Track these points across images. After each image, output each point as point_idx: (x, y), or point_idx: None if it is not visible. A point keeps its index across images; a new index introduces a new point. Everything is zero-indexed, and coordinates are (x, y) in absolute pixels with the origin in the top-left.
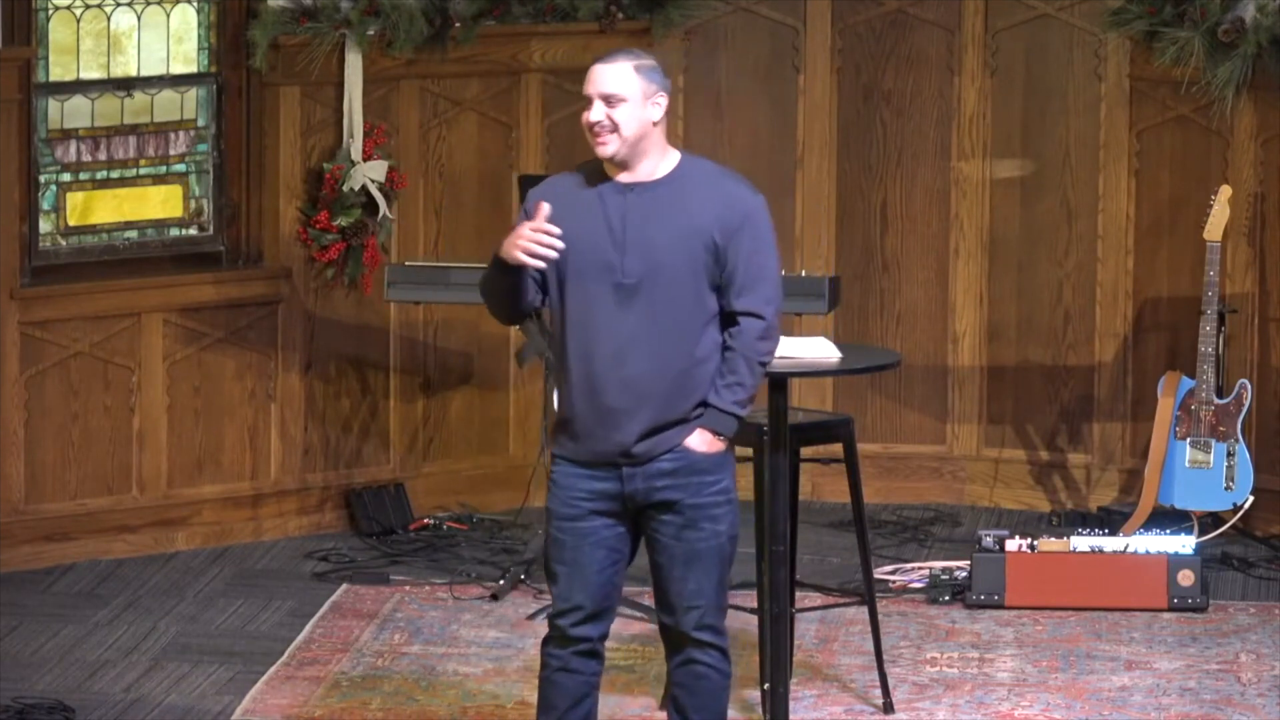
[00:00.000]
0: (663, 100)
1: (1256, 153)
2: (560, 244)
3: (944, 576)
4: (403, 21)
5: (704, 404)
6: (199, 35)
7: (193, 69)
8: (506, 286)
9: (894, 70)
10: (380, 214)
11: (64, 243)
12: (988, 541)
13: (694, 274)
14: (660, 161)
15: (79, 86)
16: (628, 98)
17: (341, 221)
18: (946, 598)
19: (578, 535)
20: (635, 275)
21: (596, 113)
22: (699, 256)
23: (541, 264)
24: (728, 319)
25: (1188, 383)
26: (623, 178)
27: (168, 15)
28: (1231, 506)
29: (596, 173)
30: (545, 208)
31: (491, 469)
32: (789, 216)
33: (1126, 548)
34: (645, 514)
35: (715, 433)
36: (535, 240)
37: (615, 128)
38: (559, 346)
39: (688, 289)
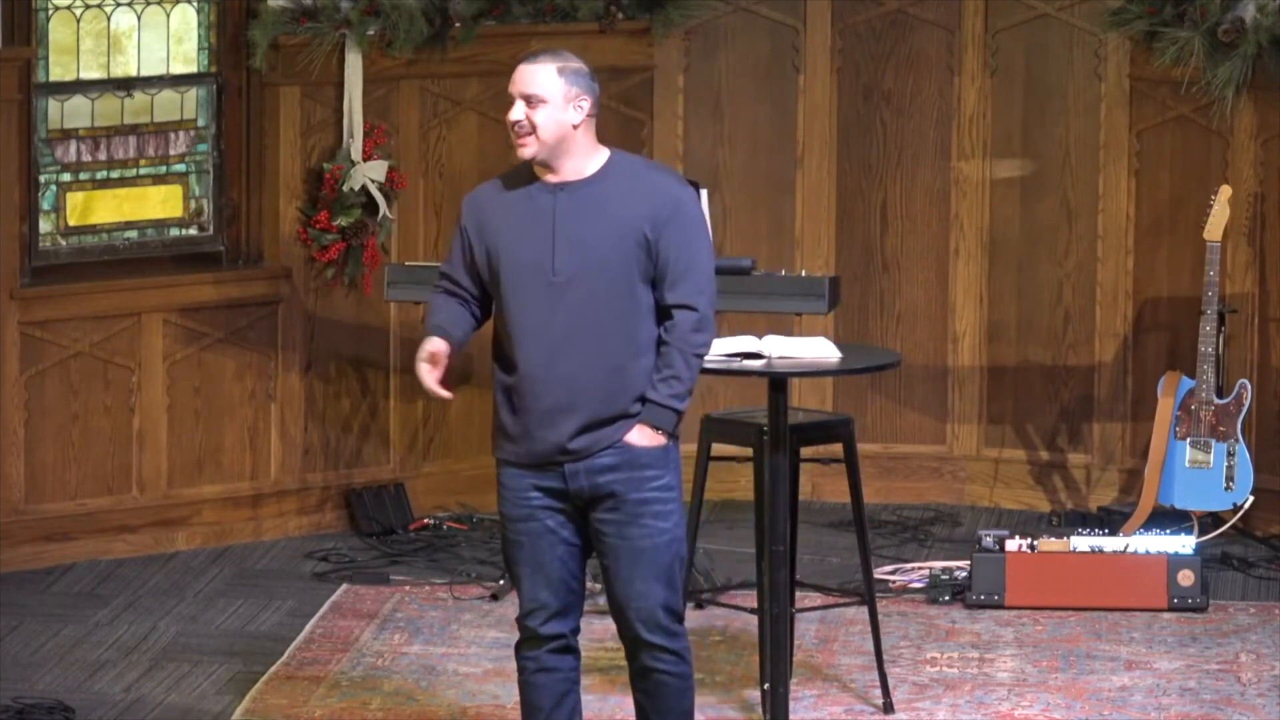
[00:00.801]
0: (586, 103)
1: (1256, 153)
2: (448, 395)
3: (944, 576)
4: (403, 21)
5: (643, 399)
6: (199, 35)
7: (193, 69)
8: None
9: (894, 70)
10: (380, 214)
11: (64, 243)
12: (988, 541)
13: (625, 269)
14: (587, 161)
15: (79, 86)
16: (548, 99)
17: (341, 221)
18: (946, 598)
19: (532, 535)
20: (566, 274)
21: (516, 113)
22: (630, 251)
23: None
24: (662, 313)
25: (1188, 383)
26: (550, 178)
27: (168, 15)
28: (1231, 506)
29: (526, 175)
30: (440, 346)
31: (491, 469)
32: (789, 216)
33: (1126, 548)
34: (590, 513)
35: (655, 427)
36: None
37: (533, 129)
38: (496, 348)
39: (620, 285)
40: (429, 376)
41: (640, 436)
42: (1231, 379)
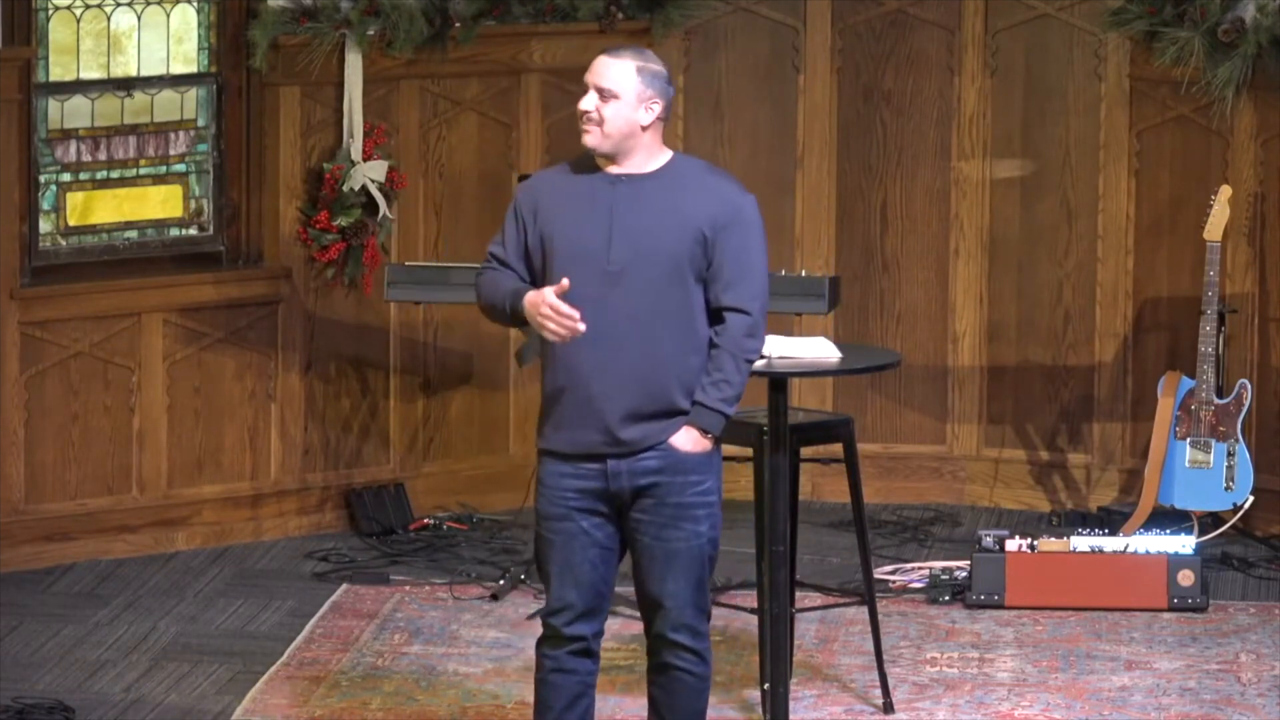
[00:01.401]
0: (658, 107)
1: (1256, 153)
2: (583, 327)
3: (944, 576)
4: (403, 21)
5: (691, 400)
6: (199, 35)
7: (193, 69)
8: (513, 322)
9: (894, 70)
10: (380, 214)
11: (64, 243)
12: (988, 541)
13: (680, 263)
14: (651, 158)
15: (79, 86)
16: (621, 95)
17: (341, 221)
18: (946, 598)
19: (566, 535)
20: (621, 262)
21: (587, 102)
22: (686, 247)
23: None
24: (714, 316)
25: (1188, 383)
26: (611, 169)
27: (168, 15)
28: (1231, 506)
29: (588, 164)
30: (565, 284)
31: (491, 469)
32: (789, 216)
33: (1126, 548)
34: (629, 512)
35: (703, 430)
36: (561, 325)
37: (601, 121)
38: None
39: (673, 278)
40: (562, 305)
41: (687, 440)
42: (1231, 379)
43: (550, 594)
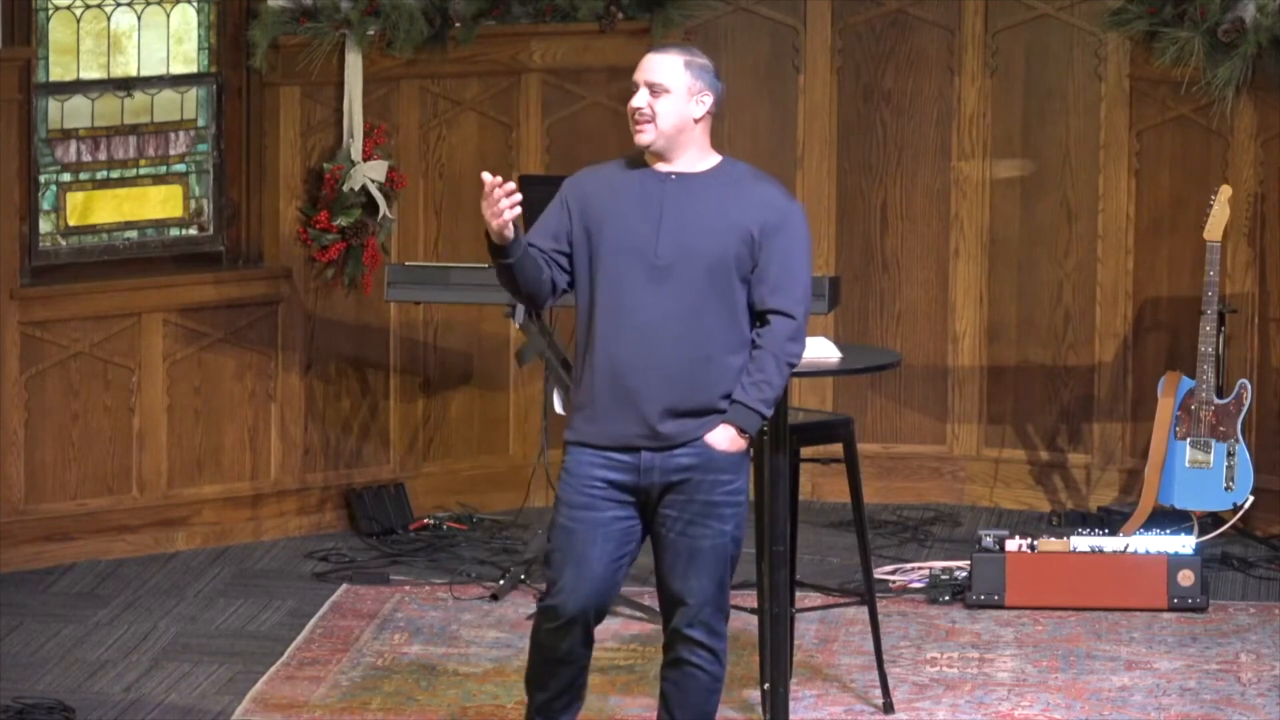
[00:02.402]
0: (708, 100)
1: (1256, 153)
2: (518, 196)
3: (944, 576)
4: (403, 21)
5: (729, 399)
6: (199, 35)
7: (193, 69)
8: (505, 272)
9: (894, 70)
10: (380, 214)
11: (64, 243)
12: (988, 541)
13: (727, 263)
14: (701, 158)
15: (79, 86)
16: (671, 90)
17: (341, 221)
18: (946, 598)
19: (588, 525)
20: (668, 258)
21: (639, 99)
22: (733, 248)
23: (508, 223)
24: (758, 319)
25: (1188, 383)
26: (661, 167)
27: (168, 15)
28: (1231, 506)
29: (638, 161)
30: (496, 180)
31: (491, 469)
32: None
33: (1126, 548)
34: (656, 508)
35: (740, 429)
36: (495, 204)
37: (653, 117)
38: (583, 328)
39: (719, 277)
40: (506, 195)
41: (723, 438)
42: (1231, 379)
43: (558, 578)
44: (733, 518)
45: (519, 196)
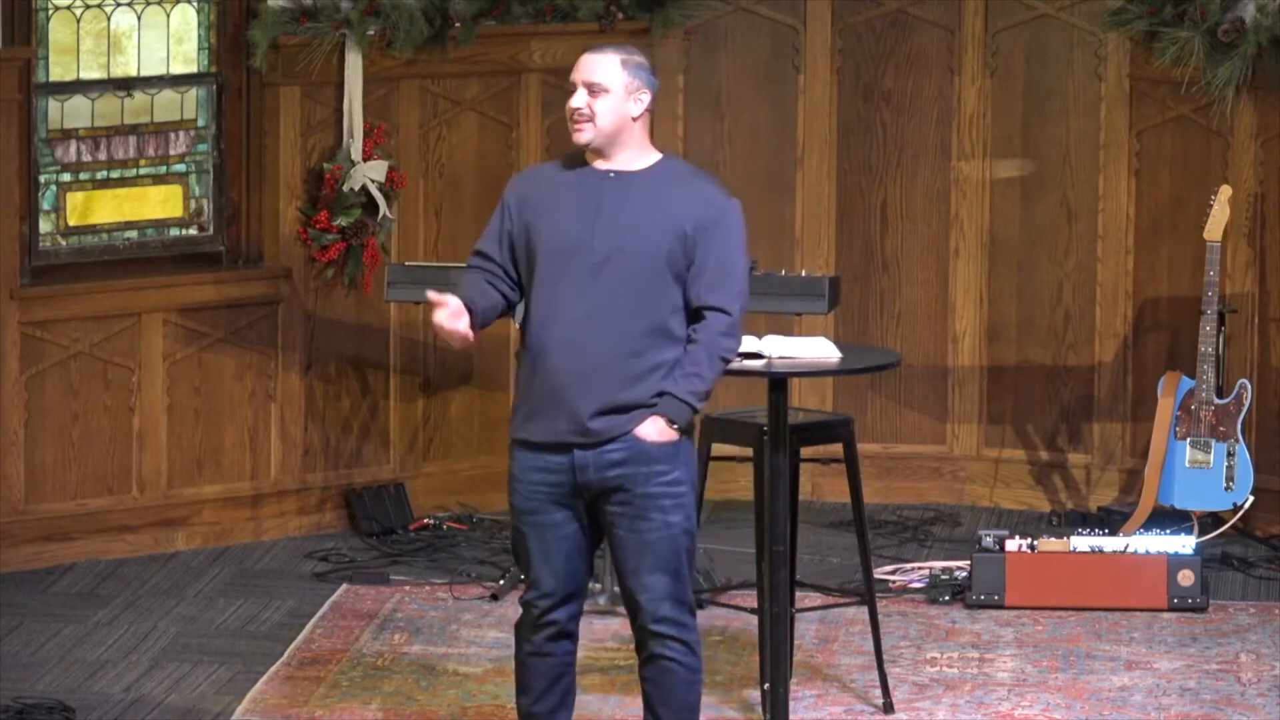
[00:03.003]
0: (646, 98)
1: (1256, 153)
2: (467, 331)
3: (944, 576)
4: (403, 21)
5: (660, 394)
6: (199, 35)
7: (193, 69)
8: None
9: (894, 70)
10: (380, 214)
11: (64, 243)
12: (988, 541)
13: (661, 260)
14: (640, 156)
15: (79, 86)
16: (610, 89)
17: (341, 221)
18: (946, 598)
19: (540, 529)
20: (602, 254)
21: (578, 99)
22: (670, 244)
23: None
24: (693, 315)
25: (1188, 383)
26: (601, 164)
27: (168, 15)
28: (1231, 506)
29: (578, 160)
30: (457, 306)
31: (491, 469)
32: (789, 217)
33: (1126, 548)
34: (599, 505)
35: (669, 420)
36: (451, 332)
37: (592, 116)
38: (525, 327)
39: (654, 274)
40: (451, 321)
41: (653, 429)
42: (1231, 379)
43: (529, 582)
44: (676, 509)
45: (465, 315)
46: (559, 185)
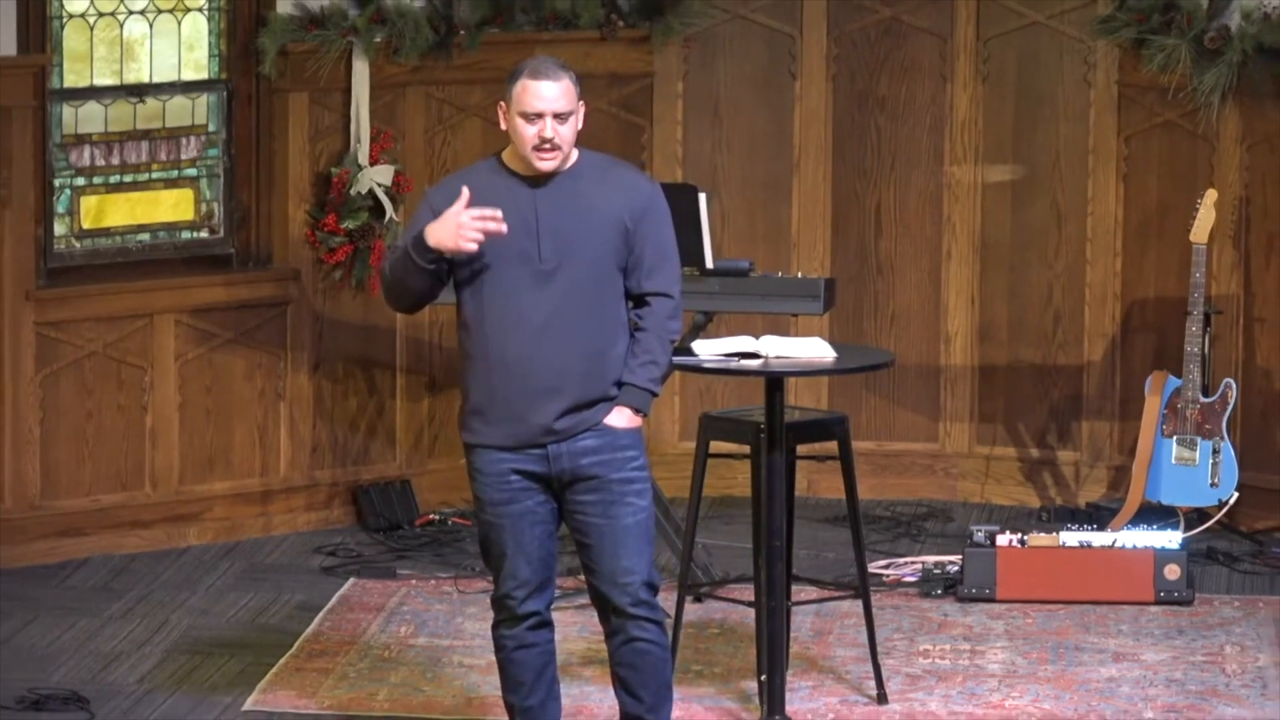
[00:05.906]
0: (583, 107)
1: (1241, 157)
2: (504, 227)
3: (936, 571)
4: (408, 29)
5: (619, 383)
6: (209, 43)
7: (204, 76)
8: (428, 278)
9: (888, 77)
10: (386, 217)
11: (78, 245)
12: (979, 536)
13: (606, 257)
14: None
15: (93, 93)
16: (573, 112)
17: (349, 224)
18: (939, 591)
19: (514, 517)
20: (552, 262)
21: (549, 130)
22: (610, 240)
23: (473, 249)
24: (635, 301)
25: (1174, 382)
26: (525, 172)
27: (179, 23)
28: (1217, 502)
29: (498, 168)
30: (467, 194)
31: None
32: (785, 220)
33: (1114, 543)
34: (567, 494)
35: (634, 409)
36: (480, 227)
37: (561, 144)
38: (472, 336)
39: (601, 272)
40: (467, 213)
41: (620, 418)
42: (1217, 378)
43: (502, 575)
44: (645, 493)
45: (504, 229)
46: (490, 197)
